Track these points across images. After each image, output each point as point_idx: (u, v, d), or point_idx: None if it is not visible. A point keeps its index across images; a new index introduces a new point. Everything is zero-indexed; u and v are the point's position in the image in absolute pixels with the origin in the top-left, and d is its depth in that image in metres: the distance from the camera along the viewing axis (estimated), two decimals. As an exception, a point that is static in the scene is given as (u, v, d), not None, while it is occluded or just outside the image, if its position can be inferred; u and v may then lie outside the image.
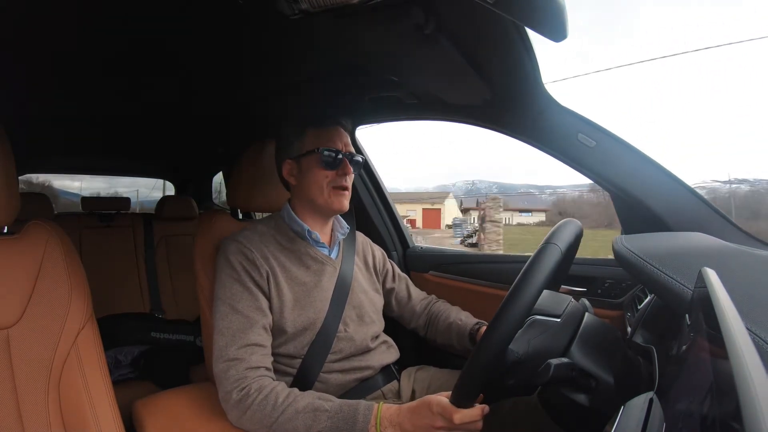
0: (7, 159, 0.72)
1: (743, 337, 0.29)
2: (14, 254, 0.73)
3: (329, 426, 0.72)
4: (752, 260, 0.67)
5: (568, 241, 0.64)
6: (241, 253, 0.88)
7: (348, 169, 0.92)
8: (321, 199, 0.93)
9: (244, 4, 0.69)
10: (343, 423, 0.72)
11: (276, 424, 0.73)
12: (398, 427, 0.70)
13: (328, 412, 0.73)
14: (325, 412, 0.73)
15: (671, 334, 0.61)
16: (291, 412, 0.74)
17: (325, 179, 0.92)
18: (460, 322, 1.05)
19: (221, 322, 0.83)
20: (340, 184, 0.92)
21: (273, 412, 0.74)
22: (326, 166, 0.92)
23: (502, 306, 0.58)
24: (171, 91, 1.26)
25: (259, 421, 0.75)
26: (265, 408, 0.74)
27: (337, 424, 0.72)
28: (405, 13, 0.63)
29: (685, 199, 0.88)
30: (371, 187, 1.52)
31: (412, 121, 1.29)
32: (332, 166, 0.92)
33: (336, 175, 0.92)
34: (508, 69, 0.85)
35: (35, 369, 0.71)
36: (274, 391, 0.76)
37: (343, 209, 0.95)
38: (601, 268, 1.06)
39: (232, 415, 0.78)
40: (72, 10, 0.76)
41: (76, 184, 9.78)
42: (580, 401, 0.58)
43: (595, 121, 0.92)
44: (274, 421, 0.74)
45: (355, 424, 0.71)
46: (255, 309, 0.84)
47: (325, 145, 0.92)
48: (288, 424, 0.73)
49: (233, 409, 0.77)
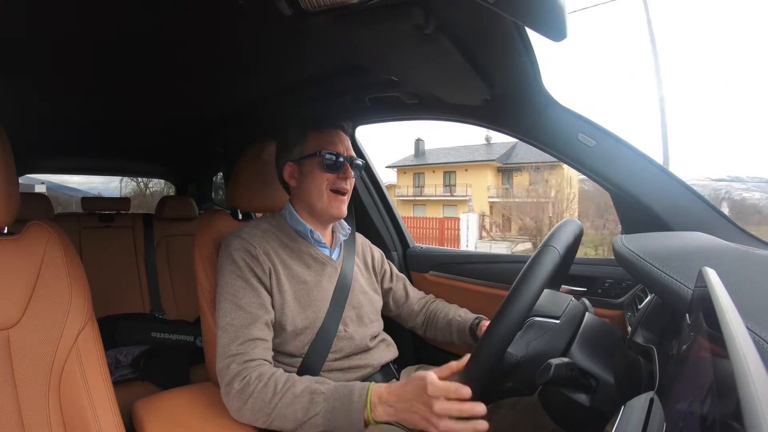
0: (7, 159, 0.72)
1: (743, 336, 0.29)
2: (14, 255, 0.73)
3: (326, 408, 0.72)
4: (752, 260, 0.67)
5: (566, 243, 0.64)
6: (244, 249, 0.88)
7: (349, 173, 0.93)
8: (320, 204, 0.93)
9: (243, 5, 0.69)
10: (339, 403, 0.71)
11: (275, 411, 0.74)
12: (386, 405, 0.70)
13: (324, 394, 0.73)
14: (321, 394, 0.73)
15: (672, 334, 0.61)
16: (289, 397, 0.74)
17: (325, 182, 0.92)
18: (459, 318, 1.05)
19: (224, 319, 0.83)
20: (340, 187, 0.93)
21: (273, 398, 0.74)
22: (327, 169, 0.92)
23: (500, 310, 0.59)
24: (171, 92, 1.26)
25: (260, 409, 0.74)
26: (265, 395, 0.74)
27: (333, 405, 0.72)
28: (405, 13, 0.63)
29: (685, 198, 0.88)
30: (371, 188, 1.52)
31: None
32: (333, 170, 0.92)
33: (337, 178, 0.93)
34: (508, 69, 0.85)
35: (35, 369, 0.71)
36: (273, 377, 0.76)
37: (341, 215, 0.95)
38: (602, 268, 1.06)
39: (233, 406, 0.77)
40: (72, 11, 0.76)
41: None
42: (581, 401, 0.58)
43: (595, 121, 0.93)
44: (273, 408, 0.74)
45: (351, 404, 0.71)
46: (258, 305, 0.84)
47: (327, 149, 0.92)
48: (286, 409, 0.73)
49: (234, 400, 0.77)
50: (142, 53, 0.96)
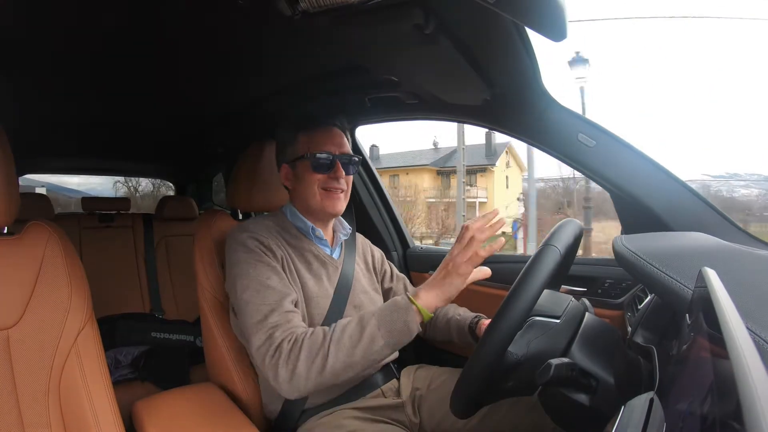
0: (7, 159, 0.72)
1: (743, 336, 0.29)
2: (14, 255, 0.73)
3: (378, 319, 0.74)
4: (752, 260, 0.67)
5: (567, 243, 0.64)
6: (254, 239, 0.87)
7: (339, 173, 0.92)
8: (314, 203, 0.93)
9: (244, 5, 0.69)
10: (388, 311, 0.75)
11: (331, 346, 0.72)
12: (426, 287, 0.76)
13: (371, 312, 0.75)
14: (369, 313, 0.75)
15: (672, 334, 0.61)
16: (339, 329, 0.75)
17: (317, 183, 0.92)
18: (458, 317, 1.05)
19: (255, 298, 0.80)
20: (331, 187, 0.92)
21: (324, 337, 0.74)
22: (317, 170, 0.92)
23: (500, 309, 0.58)
24: (171, 92, 1.26)
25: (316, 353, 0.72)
26: (316, 338, 0.74)
27: (383, 315, 0.74)
28: (405, 13, 0.63)
29: (685, 198, 0.88)
30: (371, 187, 1.52)
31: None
32: (324, 170, 0.92)
33: (328, 178, 0.92)
34: (508, 69, 0.85)
35: (35, 370, 0.71)
36: (319, 328, 0.77)
37: (337, 212, 0.94)
38: (602, 268, 1.06)
39: (284, 372, 0.72)
40: (72, 11, 0.76)
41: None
42: (581, 401, 0.58)
43: (595, 121, 0.93)
44: (329, 343, 0.73)
45: (399, 307, 0.74)
46: (284, 284, 0.83)
47: (316, 149, 0.92)
48: (342, 337, 0.73)
49: (286, 364, 0.72)
50: (142, 53, 0.96)
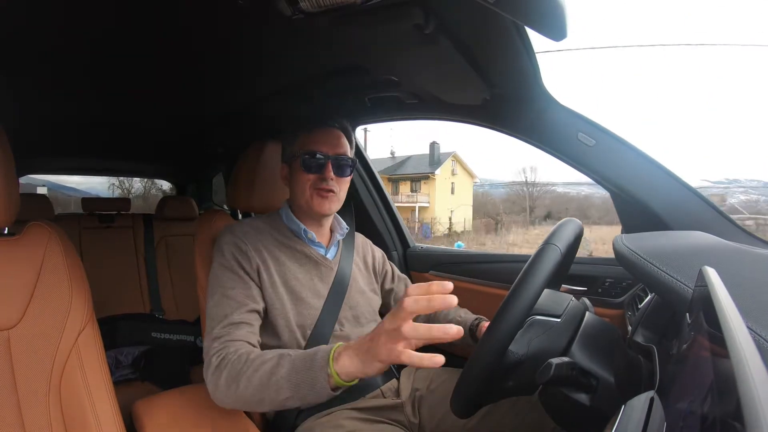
0: (7, 159, 0.72)
1: (744, 335, 0.29)
2: (14, 255, 0.73)
3: (288, 369, 0.69)
4: (753, 259, 0.67)
5: (567, 241, 0.64)
6: (233, 244, 0.89)
7: (328, 174, 0.92)
8: (304, 202, 0.94)
9: (243, 5, 0.69)
10: (301, 363, 0.68)
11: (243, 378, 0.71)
12: (349, 350, 0.65)
13: (291, 356, 0.71)
14: (288, 356, 0.71)
15: (672, 333, 0.61)
16: (258, 362, 0.72)
17: (308, 182, 0.92)
18: (459, 318, 1.05)
19: (213, 309, 0.83)
20: (321, 187, 0.92)
21: (244, 366, 0.72)
22: (307, 170, 0.92)
23: (501, 308, 0.58)
24: (171, 92, 1.26)
25: (233, 379, 0.72)
26: (237, 364, 0.73)
27: (294, 364, 0.69)
28: (405, 13, 0.63)
29: (686, 197, 0.88)
30: (371, 187, 1.52)
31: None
32: (313, 170, 0.92)
33: (318, 178, 0.92)
34: (508, 69, 0.85)
35: (36, 370, 0.71)
36: (251, 352, 0.75)
37: (325, 212, 0.94)
38: (602, 267, 1.06)
39: (210, 385, 0.75)
40: (72, 11, 0.76)
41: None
42: (581, 400, 0.58)
43: (595, 121, 0.93)
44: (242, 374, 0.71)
45: (314, 362, 0.67)
46: (245, 295, 0.85)
47: (309, 149, 0.92)
48: (254, 375, 0.70)
49: (212, 378, 0.74)
50: (142, 53, 0.96)
